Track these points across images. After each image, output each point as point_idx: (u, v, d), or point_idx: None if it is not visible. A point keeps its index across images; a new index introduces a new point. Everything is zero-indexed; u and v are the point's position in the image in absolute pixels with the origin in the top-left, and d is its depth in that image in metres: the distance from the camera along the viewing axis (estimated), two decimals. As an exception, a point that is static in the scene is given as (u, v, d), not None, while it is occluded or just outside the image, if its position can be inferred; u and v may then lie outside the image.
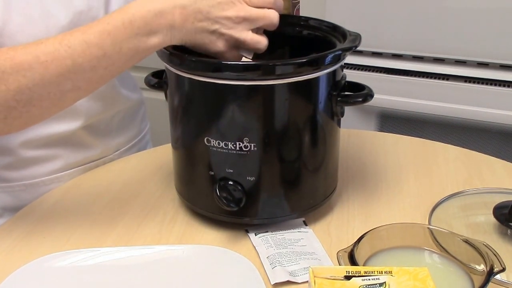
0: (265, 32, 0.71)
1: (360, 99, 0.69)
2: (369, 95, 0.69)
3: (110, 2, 0.83)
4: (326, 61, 0.66)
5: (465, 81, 1.29)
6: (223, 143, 0.66)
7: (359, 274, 0.49)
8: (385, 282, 0.49)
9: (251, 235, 0.71)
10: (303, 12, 1.40)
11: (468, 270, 0.59)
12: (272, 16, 0.68)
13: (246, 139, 0.66)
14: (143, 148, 1.03)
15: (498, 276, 0.59)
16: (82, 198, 0.81)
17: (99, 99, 0.87)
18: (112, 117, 0.92)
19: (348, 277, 0.49)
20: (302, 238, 0.70)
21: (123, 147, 0.96)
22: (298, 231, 0.72)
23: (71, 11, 0.78)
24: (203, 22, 0.65)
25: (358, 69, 1.38)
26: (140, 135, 1.01)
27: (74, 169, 0.89)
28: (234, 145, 0.66)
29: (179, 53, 0.67)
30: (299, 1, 1.42)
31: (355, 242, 0.59)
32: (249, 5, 0.66)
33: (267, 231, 0.71)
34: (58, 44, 0.62)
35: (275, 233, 0.71)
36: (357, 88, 0.70)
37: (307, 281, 0.61)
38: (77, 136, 0.87)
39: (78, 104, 0.84)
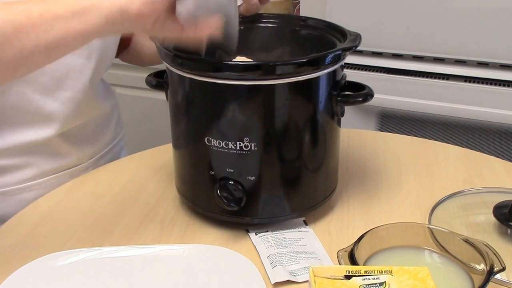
0: (265, 32, 0.71)
1: (360, 99, 0.69)
2: (369, 94, 0.69)
3: None
4: (326, 61, 0.66)
5: (465, 81, 1.29)
6: (224, 142, 0.67)
7: (359, 274, 0.49)
8: (385, 282, 0.49)
9: (252, 235, 0.71)
10: (303, 12, 1.41)
11: (468, 269, 0.59)
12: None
13: (246, 139, 0.66)
14: (117, 154, 1.01)
15: (498, 276, 0.59)
16: (83, 198, 0.81)
17: (74, 106, 0.85)
18: (87, 123, 0.90)
19: (348, 277, 0.49)
20: (302, 238, 0.70)
21: (98, 154, 0.95)
22: (298, 231, 0.72)
23: None
24: None
25: (358, 69, 1.38)
26: (114, 141, 0.99)
27: (48, 177, 0.87)
28: (235, 145, 0.66)
29: (180, 53, 0.67)
30: (299, 1, 1.42)
31: (355, 242, 0.60)
32: None
33: (267, 231, 0.71)
34: None
35: (275, 232, 0.71)
36: (357, 87, 0.70)
37: (307, 281, 0.61)
38: (52, 143, 0.85)
39: (53, 111, 0.82)
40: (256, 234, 0.71)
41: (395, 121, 1.40)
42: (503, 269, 0.56)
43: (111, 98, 0.98)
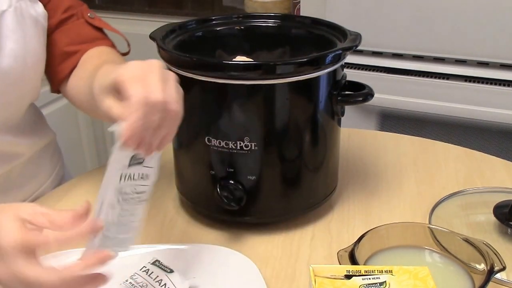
0: (265, 31, 0.71)
1: (361, 99, 0.69)
2: (370, 94, 0.69)
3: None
4: (327, 61, 0.66)
5: (465, 81, 1.29)
6: (224, 142, 0.67)
7: (360, 274, 0.49)
8: (385, 281, 0.49)
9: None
10: (303, 12, 1.41)
11: (469, 269, 0.59)
12: None
13: (246, 139, 0.66)
14: (59, 184, 0.90)
15: (498, 275, 0.59)
16: (83, 198, 0.81)
17: None
18: (10, 171, 0.80)
19: (348, 276, 0.49)
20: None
21: (31, 195, 0.84)
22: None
23: None
24: None
25: (358, 69, 1.38)
26: (53, 174, 0.89)
27: None
28: (235, 145, 0.66)
29: (180, 52, 0.67)
30: (299, 1, 1.42)
31: (355, 242, 0.60)
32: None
33: None
34: None
35: None
36: (358, 87, 0.70)
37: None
38: None
39: None
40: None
41: (395, 121, 1.40)
42: (503, 269, 0.56)
43: (44, 135, 0.88)
